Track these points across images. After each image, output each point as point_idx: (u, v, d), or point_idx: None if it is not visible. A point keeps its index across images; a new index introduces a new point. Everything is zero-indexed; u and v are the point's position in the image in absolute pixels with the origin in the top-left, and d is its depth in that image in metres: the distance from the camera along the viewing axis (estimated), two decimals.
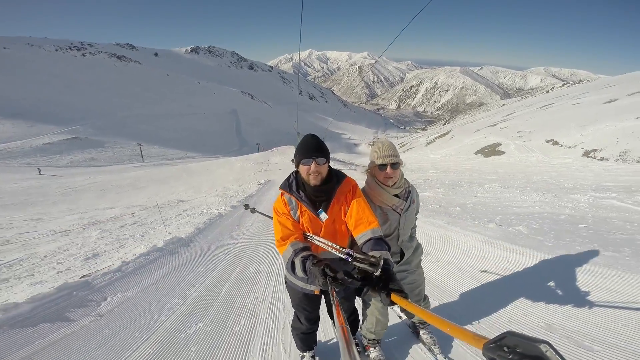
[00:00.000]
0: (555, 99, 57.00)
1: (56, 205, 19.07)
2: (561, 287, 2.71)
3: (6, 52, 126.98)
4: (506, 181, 12.65)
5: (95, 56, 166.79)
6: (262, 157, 39.67)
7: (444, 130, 61.40)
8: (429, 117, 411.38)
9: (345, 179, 1.71)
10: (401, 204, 1.86)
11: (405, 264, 2.02)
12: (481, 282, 3.07)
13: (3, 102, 72.21)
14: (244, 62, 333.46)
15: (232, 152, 73.56)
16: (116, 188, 23.87)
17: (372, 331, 2.03)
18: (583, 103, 37.68)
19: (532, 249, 3.55)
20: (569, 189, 9.36)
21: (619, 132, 23.00)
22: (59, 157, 46.83)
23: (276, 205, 1.71)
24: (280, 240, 1.65)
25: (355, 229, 1.59)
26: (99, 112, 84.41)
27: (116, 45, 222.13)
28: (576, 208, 6.11)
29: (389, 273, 1.25)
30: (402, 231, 1.92)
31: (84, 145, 54.42)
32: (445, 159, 30.77)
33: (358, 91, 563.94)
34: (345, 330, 0.93)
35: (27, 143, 49.73)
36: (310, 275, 1.45)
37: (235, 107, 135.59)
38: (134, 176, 28.06)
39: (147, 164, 46.07)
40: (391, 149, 1.77)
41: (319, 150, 1.55)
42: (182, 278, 4.11)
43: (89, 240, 7.02)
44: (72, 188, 24.36)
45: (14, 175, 32.07)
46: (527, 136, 30.55)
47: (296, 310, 1.98)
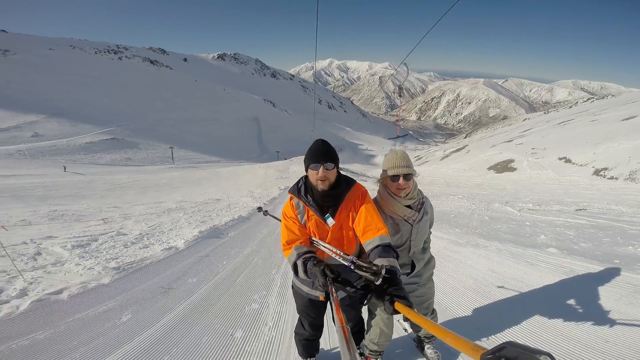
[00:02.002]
0: (575, 114, 56.09)
1: (105, 198, 21.89)
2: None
3: (51, 53, 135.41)
4: (487, 195, 13.82)
5: (130, 60, 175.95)
6: (282, 165, 42.30)
7: (461, 144, 61.85)
8: (449, 129, 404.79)
9: (354, 185, 1.70)
10: (413, 215, 1.85)
11: (415, 276, 2.00)
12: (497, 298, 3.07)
13: (48, 102, 78.49)
14: (267, 69, 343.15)
15: (253, 158, 76.68)
16: (155, 186, 26.72)
17: (375, 342, 1.98)
18: (601, 120, 37.21)
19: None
20: (542, 202, 10.03)
21: (631, 151, 22.66)
22: (99, 155, 51.00)
23: (285, 209, 1.73)
24: (286, 244, 1.67)
25: (363, 236, 1.57)
26: (133, 114, 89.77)
27: (149, 49, 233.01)
28: (501, 216, 7.58)
29: (395, 281, 1.25)
30: (414, 242, 1.91)
31: (121, 145, 58.80)
32: (458, 174, 31.48)
33: (378, 101, 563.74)
34: (345, 330, 0.93)
35: (72, 141, 54.54)
36: (311, 275, 1.47)
37: (257, 114, 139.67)
38: (169, 177, 31.13)
39: (177, 166, 49.61)
40: (404, 159, 1.75)
41: (327, 155, 1.56)
42: (256, 228, 8.10)
43: (184, 217, 10.25)
44: (117, 185, 27.45)
45: (60, 170, 36.12)
46: (541, 153, 30.73)
47: (300, 315, 1.98)
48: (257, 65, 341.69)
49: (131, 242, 6.43)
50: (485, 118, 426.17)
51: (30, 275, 4.21)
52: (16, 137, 53.00)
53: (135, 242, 6.46)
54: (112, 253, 5.56)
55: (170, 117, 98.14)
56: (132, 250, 5.81)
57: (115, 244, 6.27)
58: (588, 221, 6.60)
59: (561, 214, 7.78)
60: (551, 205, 9.49)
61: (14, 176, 29.66)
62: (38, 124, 62.43)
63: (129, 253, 5.54)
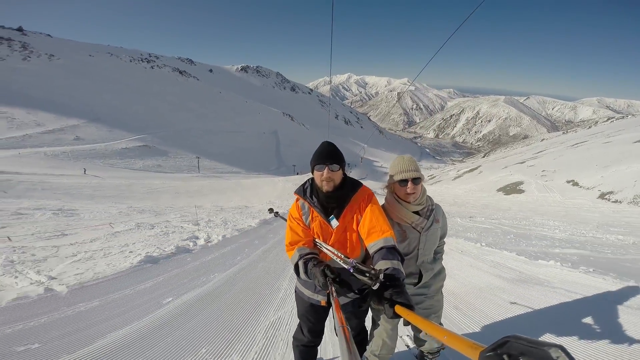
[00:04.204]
0: (590, 136, 55.69)
1: (144, 200, 24.55)
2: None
3: (91, 60, 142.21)
4: (484, 214, 14.96)
5: (161, 69, 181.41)
6: (299, 179, 44.93)
7: (475, 164, 62.49)
8: (468, 148, 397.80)
9: (361, 188, 1.70)
10: (422, 222, 1.80)
11: (423, 287, 1.93)
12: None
13: (87, 107, 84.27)
14: (287, 83, 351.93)
15: (271, 170, 79.61)
16: (186, 193, 29.62)
17: (377, 354, 1.89)
18: (614, 142, 37.30)
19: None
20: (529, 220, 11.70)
21: (638, 174, 22.86)
22: (133, 161, 54.62)
23: (291, 210, 1.78)
24: (289, 245, 1.70)
25: (367, 238, 1.56)
26: (162, 123, 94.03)
27: (178, 59, 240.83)
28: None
29: (396, 284, 1.22)
30: (422, 251, 1.85)
31: (153, 152, 62.61)
32: (467, 194, 32.09)
33: (395, 118, 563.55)
34: (346, 330, 0.91)
35: (110, 146, 58.86)
36: (311, 275, 1.49)
37: (276, 127, 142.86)
38: (199, 185, 34.33)
39: (203, 175, 52.99)
40: (412, 164, 1.72)
41: (332, 157, 1.58)
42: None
43: (239, 214, 13.77)
44: (153, 189, 30.58)
45: (102, 173, 40.05)
46: (550, 175, 31.22)
47: (300, 320, 1.94)
48: (277, 78, 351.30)
49: (236, 220, 11.41)
50: (505, 137, 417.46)
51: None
52: (60, 140, 57.93)
53: (236, 223, 10.94)
54: (235, 223, 10.62)
55: (197, 127, 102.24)
56: (240, 223, 10.69)
57: (236, 219, 11.94)
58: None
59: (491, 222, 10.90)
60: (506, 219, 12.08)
61: (63, 176, 33.56)
62: (79, 128, 67.89)
63: (241, 223, 10.70)
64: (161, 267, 4.92)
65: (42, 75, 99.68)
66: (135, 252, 5.67)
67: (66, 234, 7.62)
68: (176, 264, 5.20)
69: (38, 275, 4.21)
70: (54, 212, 11.28)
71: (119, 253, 5.74)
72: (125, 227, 8.73)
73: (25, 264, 4.81)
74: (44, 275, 4.21)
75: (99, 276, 4.22)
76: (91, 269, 4.60)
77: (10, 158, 39.95)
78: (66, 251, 5.81)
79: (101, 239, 7.07)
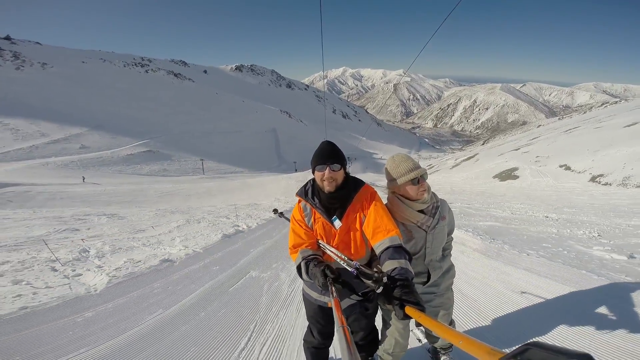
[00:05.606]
0: (583, 121, 56.23)
1: (158, 204, 25.85)
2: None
3: (84, 66, 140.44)
4: (471, 200, 15.18)
5: (156, 73, 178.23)
6: (301, 176, 45.72)
7: (472, 153, 63.42)
8: (467, 136, 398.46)
9: (363, 186, 1.68)
10: (427, 221, 1.76)
11: (433, 285, 1.90)
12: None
13: (87, 114, 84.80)
14: (282, 80, 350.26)
15: (272, 168, 79.88)
16: (195, 194, 30.93)
17: (390, 353, 1.88)
18: (605, 126, 37.89)
19: None
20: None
21: (627, 157, 23.38)
22: (140, 166, 55.41)
23: (293, 212, 1.76)
24: (292, 247, 1.70)
25: (372, 238, 1.54)
26: (161, 127, 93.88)
27: (171, 61, 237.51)
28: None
29: (405, 284, 1.20)
30: (430, 250, 1.82)
31: (157, 157, 62.99)
32: (464, 182, 32.87)
33: (393, 109, 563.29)
34: (346, 330, 0.91)
35: (115, 153, 59.54)
36: (311, 275, 1.48)
37: (274, 125, 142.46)
38: (207, 186, 35.64)
39: (208, 177, 53.75)
40: (413, 161, 1.71)
41: (333, 156, 1.56)
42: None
43: (254, 210, 15.35)
44: (164, 193, 31.85)
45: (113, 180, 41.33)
46: (544, 161, 31.56)
47: (310, 322, 1.93)
48: (272, 76, 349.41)
49: (256, 215, 13.11)
50: (504, 124, 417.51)
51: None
52: (67, 149, 58.96)
53: (257, 216, 12.62)
54: (257, 216, 12.24)
55: (196, 129, 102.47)
56: (261, 216, 12.34)
57: (255, 213, 13.70)
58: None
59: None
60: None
61: (76, 185, 34.88)
62: (83, 136, 68.78)
63: (261, 215, 12.45)
64: (235, 239, 7.96)
65: (38, 84, 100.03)
66: (212, 234, 8.36)
67: (142, 229, 10.24)
68: (241, 237, 8.19)
69: (171, 249, 6.81)
70: (108, 216, 13.69)
71: (200, 235, 8.41)
72: (178, 224, 11.03)
73: (152, 245, 7.38)
74: (173, 247, 6.93)
75: (207, 244, 7.03)
76: (195, 244, 7.23)
77: (22, 170, 41.14)
78: (166, 237, 8.55)
79: (174, 231, 9.69)
